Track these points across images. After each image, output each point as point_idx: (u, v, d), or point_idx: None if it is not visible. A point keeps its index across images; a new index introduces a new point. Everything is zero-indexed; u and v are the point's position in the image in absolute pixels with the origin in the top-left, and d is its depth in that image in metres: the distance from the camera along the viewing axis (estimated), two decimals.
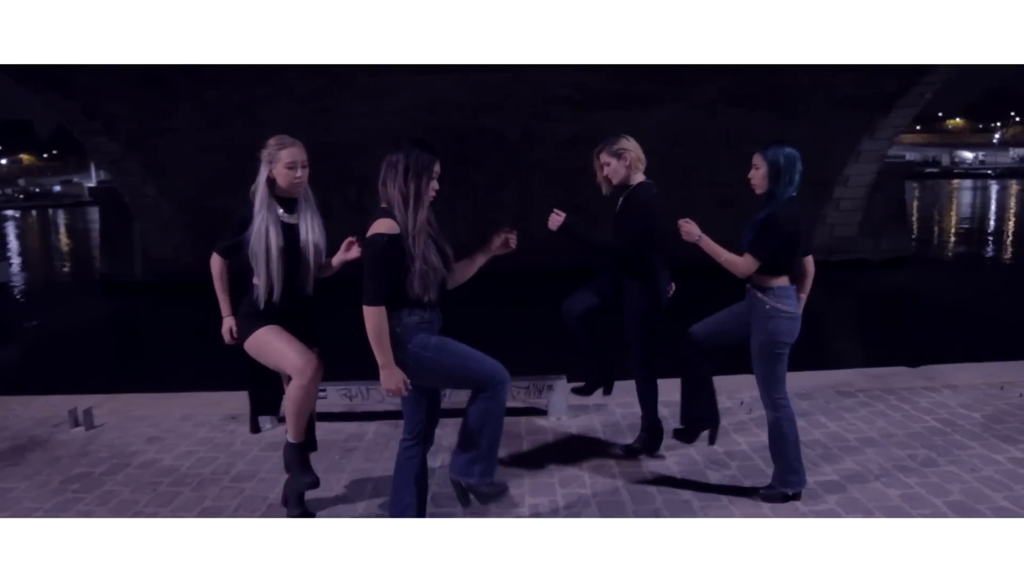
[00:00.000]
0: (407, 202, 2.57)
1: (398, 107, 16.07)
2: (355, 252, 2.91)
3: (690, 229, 3.24)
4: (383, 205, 2.63)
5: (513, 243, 2.86)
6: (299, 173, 2.98)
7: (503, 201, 17.87)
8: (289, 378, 3.06)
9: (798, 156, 3.13)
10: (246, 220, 2.97)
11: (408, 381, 2.62)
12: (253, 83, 15.46)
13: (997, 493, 3.34)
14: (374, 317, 2.53)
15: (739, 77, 15.77)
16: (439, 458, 3.83)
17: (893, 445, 3.89)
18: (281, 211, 3.00)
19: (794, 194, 3.14)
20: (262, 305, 3.00)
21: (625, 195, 3.60)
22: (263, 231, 2.93)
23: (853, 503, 3.28)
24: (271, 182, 2.98)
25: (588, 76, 15.34)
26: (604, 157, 3.56)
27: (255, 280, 3.03)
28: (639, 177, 3.59)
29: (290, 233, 3.01)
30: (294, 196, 3.04)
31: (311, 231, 3.06)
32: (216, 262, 3.09)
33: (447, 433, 4.22)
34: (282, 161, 2.96)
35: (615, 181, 3.58)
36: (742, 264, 3.16)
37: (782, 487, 3.32)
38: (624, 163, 3.54)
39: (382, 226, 2.56)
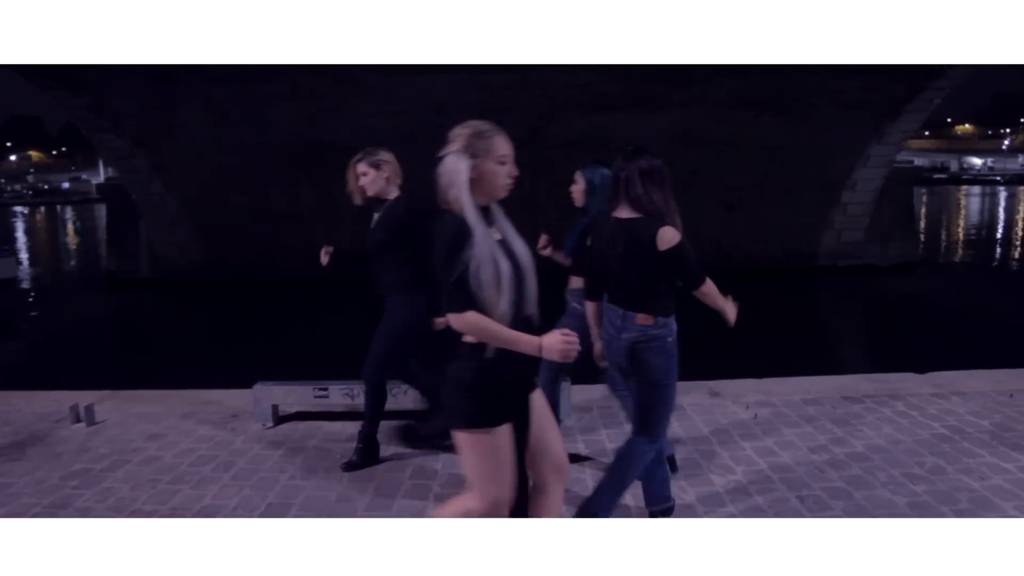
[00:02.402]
0: (671, 210, 2.70)
1: (404, 107, 16.07)
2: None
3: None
4: (635, 215, 2.71)
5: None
6: (514, 170, 2.24)
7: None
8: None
9: None
10: (463, 237, 2.10)
11: None
12: (260, 82, 15.49)
13: (1007, 502, 3.29)
14: (712, 287, 2.78)
15: (747, 80, 15.72)
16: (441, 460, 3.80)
17: (900, 452, 3.85)
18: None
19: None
20: (491, 353, 2.14)
21: (382, 209, 3.57)
22: (489, 255, 2.10)
23: (859, 510, 3.24)
24: (472, 184, 2.16)
25: (595, 78, 15.32)
26: (362, 167, 3.51)
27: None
28: (394, 191, 3.58)
29: (506, 254, 2.19)
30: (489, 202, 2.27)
31: (521, 247, 2.26)
32: (471, 319, 2.11)
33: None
34: (492, 155, 2.18)
35: (370, 192, 3.55)
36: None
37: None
38: (382, 175, 3.52)
39: (674, 233, 2.67)
